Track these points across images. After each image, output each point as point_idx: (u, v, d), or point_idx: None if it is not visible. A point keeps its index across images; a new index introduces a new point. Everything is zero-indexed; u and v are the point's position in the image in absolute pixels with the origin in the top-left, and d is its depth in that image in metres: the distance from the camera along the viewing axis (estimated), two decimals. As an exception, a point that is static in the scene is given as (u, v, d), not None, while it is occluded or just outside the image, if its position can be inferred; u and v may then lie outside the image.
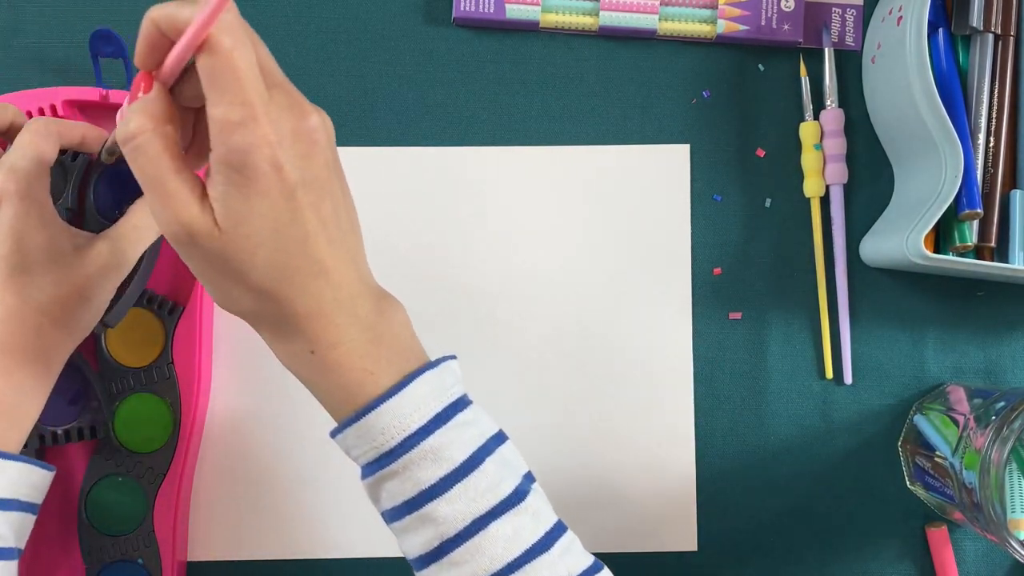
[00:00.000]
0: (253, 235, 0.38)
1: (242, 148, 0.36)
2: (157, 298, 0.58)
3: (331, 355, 0.41)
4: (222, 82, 0.36)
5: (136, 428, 0.57)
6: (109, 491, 0.57)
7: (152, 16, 0.37)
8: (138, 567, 0.57)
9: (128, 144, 0.37)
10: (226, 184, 0.37)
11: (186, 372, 0.57)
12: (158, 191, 0.37)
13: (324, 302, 0.40)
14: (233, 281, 0.39)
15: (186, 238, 0.38)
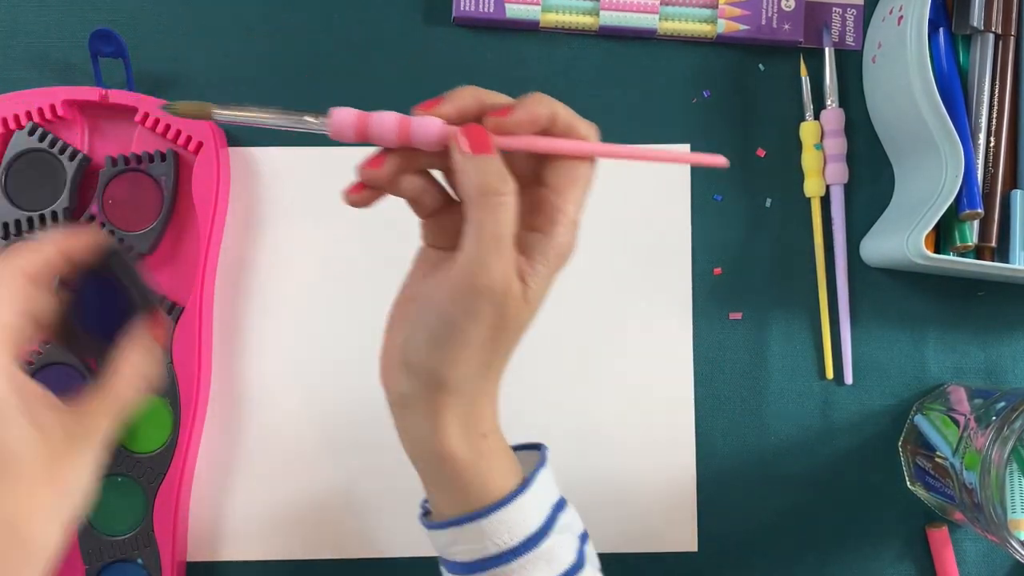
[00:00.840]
0: (534, 315, 0.41)
1: (569, 247, 0.41)
2: (157, 297, 0.58)
3: (484, 444, 0.42)
4: (581, 189, 0.42)
5: (136, 428, 0.57)
6: (108, 491, 0.57)
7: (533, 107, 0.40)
8: (138, 567, 0.57)
9: (494, 198, 0.39)
10: (548, 267, 0.40)
11: (186, 372, 0.57)
12: (501, 247, 0.39)
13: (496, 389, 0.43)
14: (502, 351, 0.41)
15: (502, 294, 0.39)
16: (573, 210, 0.41)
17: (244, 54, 0.62)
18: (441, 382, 0.40)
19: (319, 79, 0.62)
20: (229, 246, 0.61)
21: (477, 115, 0.41)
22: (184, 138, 0.58)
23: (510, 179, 0.39)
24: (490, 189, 0.39)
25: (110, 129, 0.60)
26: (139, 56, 0.61)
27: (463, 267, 0.39)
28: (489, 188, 0.39)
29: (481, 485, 0.42)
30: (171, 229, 0.59)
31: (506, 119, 0.40)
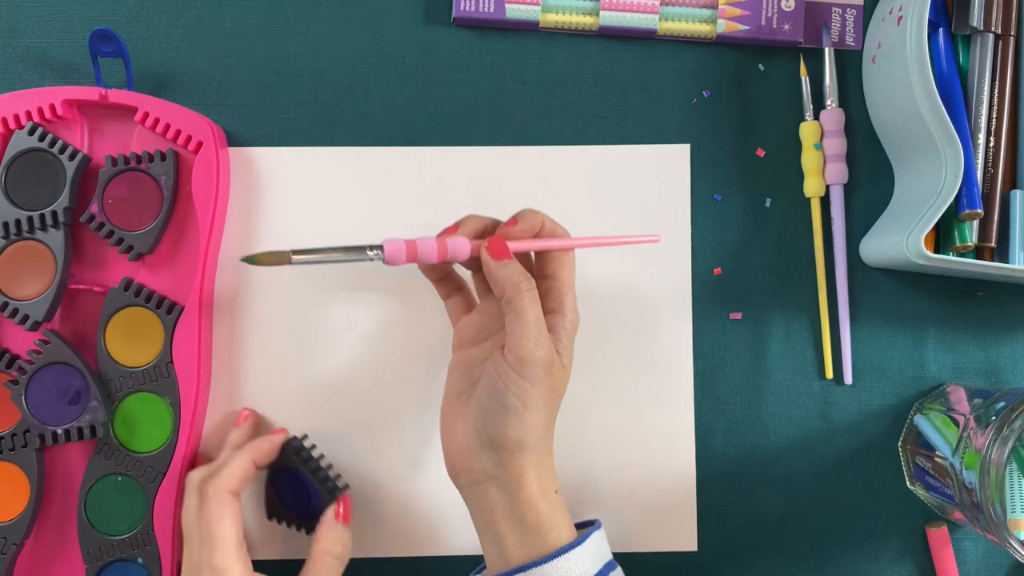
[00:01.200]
0: (569, 376, 0.53)
1: (578, 317, 0.54)
2: (156, 297, 0.58)
3: (557, 500, 0.52)
4: (572, 274, 0.54)
5: (136, 428, 0.57)
6: (109, 491, 0.57)
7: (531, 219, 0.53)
8: (138, 567, 0.57)
9: (527, 292, 0.50)
10: (569, 337, 0.53)
11: (186, 371, 0.57)
12: (541, 326, 0.51)
13: (549, 461, 0.53)
14: (551, 406, 0.51)
15: (549, 362, 0.50)
16: (572, 291, 0.53)
17: (244, 54, 0.62)
18: (521, 445, 0.50)
19: (319, 79, 0.62)
20: (229, 245, 0.61)
21: (483, 234, 0.53)
22: (184, 138, 0.58)
23: (529, 275, 0.51)
24: (521, 285, 0.50)
25: (110, 129, 0.60)
26: (139, 56, 0.61)
27: (515, 347, 0.49)
28: (521, 284, 0.50)
29: (551, 533, 0.50)
30: (171, 229, 0.59)
31: (513, 229, 0.52)
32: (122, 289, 0.58)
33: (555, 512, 0.50)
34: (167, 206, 0.58)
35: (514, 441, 0.50)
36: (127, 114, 0.59)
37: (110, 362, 0.57)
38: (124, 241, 0.58)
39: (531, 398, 0.49)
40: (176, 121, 0.58)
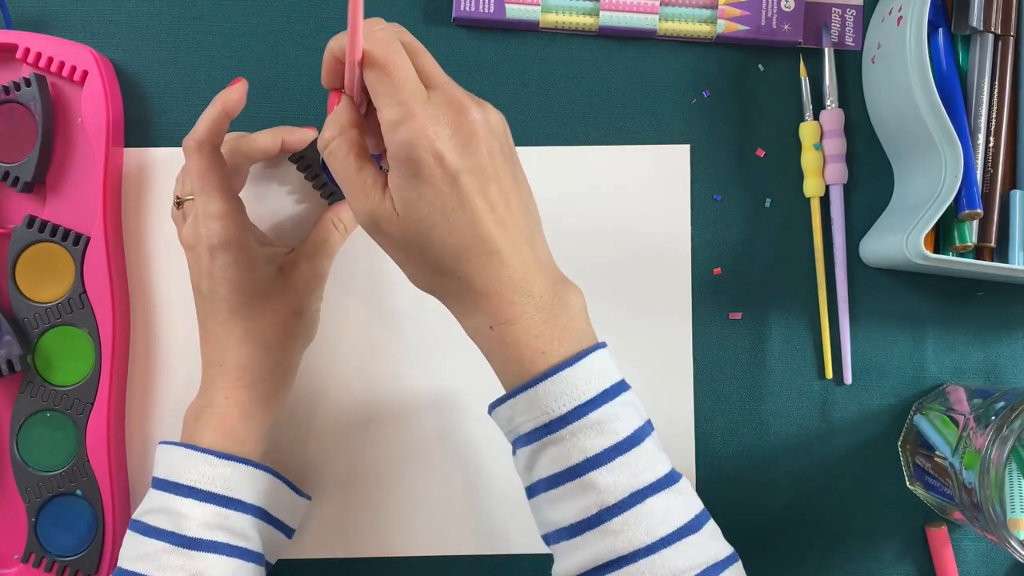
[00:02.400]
0: (425, 218, 0.43)
1: (405, 142, 0.42)
2: (61, 230, 0.58)
3: (508, 331, 0.44)
4: (382, 88, 0.43)
5: (57, 362, 0.58)
6: (39, 428, 0.58)
7: (329, 46, 0.46)
8: (78, 499, 0.58)
9: (324, 151, 0.46)
10: (398, 176, 0.43)
11: (101, 301, 0.58)
12: (348, 186, 0.45)
13: (499, 281, 0.44)
14: (416, 261, 0.45)
15: (372, 224, 0.44)
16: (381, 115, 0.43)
17: (244, 54, 0.62)
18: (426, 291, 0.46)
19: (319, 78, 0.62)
20: (133, 173, 0.61)
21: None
22: (68, 69, 0.58)
23: (335, 126, 0.45)
24: (321, 144, 0.46)
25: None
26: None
27: None
28: (320, 144, 0.46)
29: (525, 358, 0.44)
30: (59, 157, 0.59)
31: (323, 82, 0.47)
32: (25, 226, 0.58)
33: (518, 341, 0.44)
34: (42, 132, 0.58)
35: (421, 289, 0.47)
36: (9, 55, 0.59)
37: (22, 300, 0.58)
38: (10, 174, 0.58)
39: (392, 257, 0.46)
40: (58, 53, 0.58)
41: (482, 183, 0.44)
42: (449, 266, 0.44)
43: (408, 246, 0.44)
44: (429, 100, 0.43)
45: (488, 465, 0.61)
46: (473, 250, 0.44)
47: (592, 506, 0.43)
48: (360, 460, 0.61)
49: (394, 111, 0.43)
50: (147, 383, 0.61)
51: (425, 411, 0.61)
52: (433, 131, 0.42)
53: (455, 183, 0.43)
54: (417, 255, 0.45)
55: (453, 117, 0.43)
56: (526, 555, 0.61)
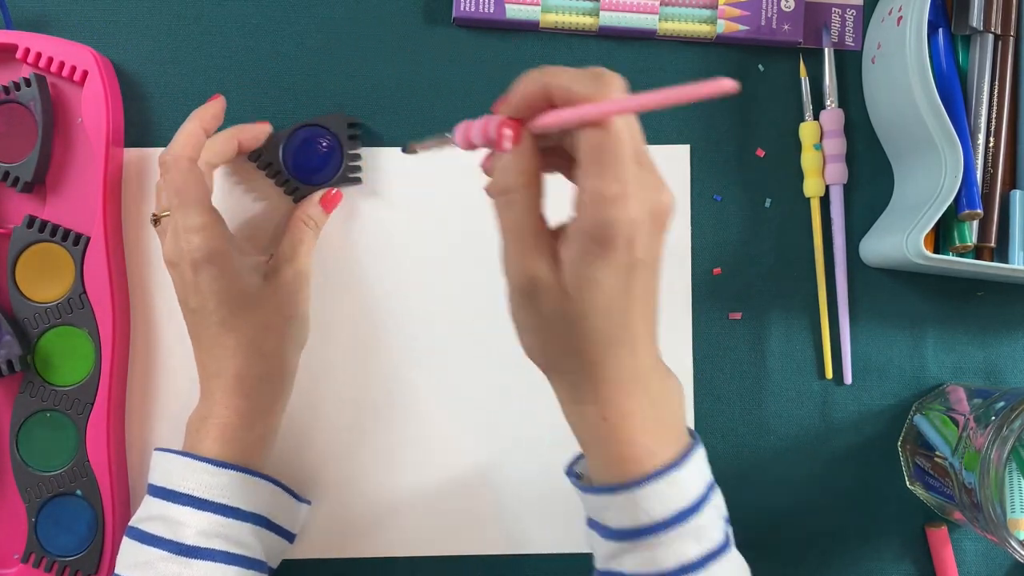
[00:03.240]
0: (590, 300, 0.40)
1: (609, 222, 0.38)
2: (61, 230, 0.58)
3: (622, 425, 0.42)
4: (605, 158, 0.38)
5: (57, 362, 0.58)
6: (39, 428, 0.58)
7: (544, 79, 0.40)
8: (78, 499, 0.58)
9: (501, 197, 0.41)
10: (582, 251, 0.39)
11: (101, 301, 0.58)
12: (518, 243, 0.41)
13: (625, 372, 0.42)
14: (552, 336, 0.42)
15: (529, 291, 0.41)
16: (593, 184, 0.38)
17: (244, 54, 0.62)
18: (544, 368, 0.44)
19: (318, 79, 0.62)
20: (133, 173, 0.61)
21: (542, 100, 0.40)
22: (68, 69, 0.59)
23: (521, 174, 0.40)
24: (498, 189, 0.41)
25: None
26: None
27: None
28: (497, 188, 0.41)
29: (634, 456, 0.42)
30: (57, 157, 0.59)
31: (502, 108, 0.41)
32: (25, 226, 0.58)
33: (624, 434, 0.42)
34: (42, 131, 0.58)
35: (535, 362, 0.44)
36: (9, 55, 0.59)
37: (22, 300, 0.58)
38: (10, 174, 0.58)
39: (517, 322, 0.43)
40: (57, 52, 0.58)
41: (649, 274, 0.41)
42: (584, 349, 0.41)
43: (555, 323, 0.41)
44: (641, 180, 0.39)
45: (489, 465, 0.61)
46: (614, 338, 0.41)
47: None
48: (359, 460, 0.61)
49: (611, 186, 0.38)
50: (147, 383, 0.61)
51: (424, 411, 0.61)
52: (639, 216, 0.39)
53: (632, 272, 0.40)
54: (558, 332, 0.41)
55: (653, 203, 0.40)
56: (527, 555, 0.61)
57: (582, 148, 0.39)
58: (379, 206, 0.62)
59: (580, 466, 0.48)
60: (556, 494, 0.60)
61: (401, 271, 0.61)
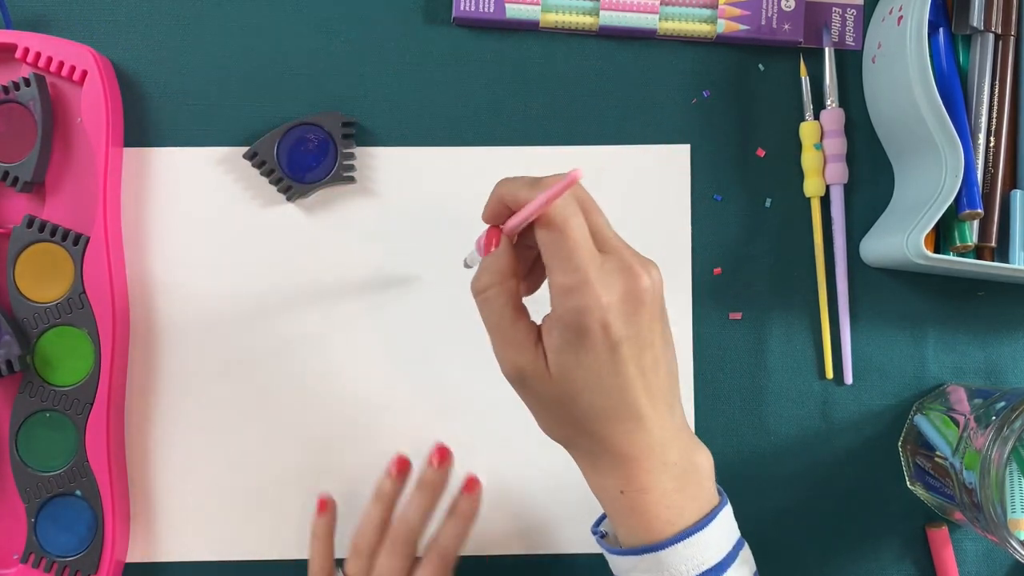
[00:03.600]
0: (577, 381, 0.42)
1: (575, 309, 0.41)
2: (61, 230, 0.58)
3: (639, 499, 0.44)
4: (557, 251, 0.42)
5: (57, 362, 0.58)
6: (38, 428, 0.58)
7: (499, 191, 0.44)
8: (77, 499, 0.58)
9: (479, 296, 0.44)
10: (560, 339, 0.42)
11: (101, 301, 0.58)
12: (499, 337, 0.44)
13: (638, 446, 0.43)
14: (556, 417, 0.44)
15: (518, 376, 0.44)
16: (553, 277, 0.42)
17: (244, 54, 0.62)
18: (563, 444, 0.46)
19: (319, 78, 0.62)
20: (133, 173, 0.61)
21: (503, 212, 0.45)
22: (68, 69, 0.58)
23: (494, 273, 0.44)
24: (476, 288, 0.44)
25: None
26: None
27: None
28: (476, 288, 0.44)
29: (655, 526, 0.44)
30: (59, 157, 0.59)
31: (485, 217, 0.45)
32: (25, 226, 0.58)
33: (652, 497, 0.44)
34: (41, 131, 0.58)
35: (552, 438, 0.46)
36: (9, 55, 0.59)
37: (22, 300, 0.58)
38: (9, 174, 0.58)
39: (529, 407, 0.46)
40: (57, 52, 0.58)
41: (639, 350, 0.43)
42: (591, 427, 0.43)
43: (553, 403, 0.44)
44: (603, 266, 0.42)
45: (489, 467, 0.61)
46: (618, 414, 0.43)
47: None
48: (362, 460, 0.61)
49: (568, 277, 0.41)
50: (147, 383, 0.61)
51: (426, 411, 0.61)
52: (606, 300, 0.41)
53: (615, 351, 0.42)
54: (560, 412, 0.44)
55: (624, 285, 0.42)
56: (528, 555, 0.61)
57: (539, 246, 0.43)
58: (373, 205, 0.62)
59: (605, 525, 0.49)
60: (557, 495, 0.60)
61: (395, 270, 0.61)
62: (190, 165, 0.61)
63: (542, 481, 0.61)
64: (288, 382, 0.61)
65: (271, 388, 0.61)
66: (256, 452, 0.61)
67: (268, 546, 0.61)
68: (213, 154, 0.61)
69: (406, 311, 0.61)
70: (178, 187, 0.61)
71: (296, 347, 0.61)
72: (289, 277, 0.61)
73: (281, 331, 0.61)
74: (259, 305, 0.61)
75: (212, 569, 0.61)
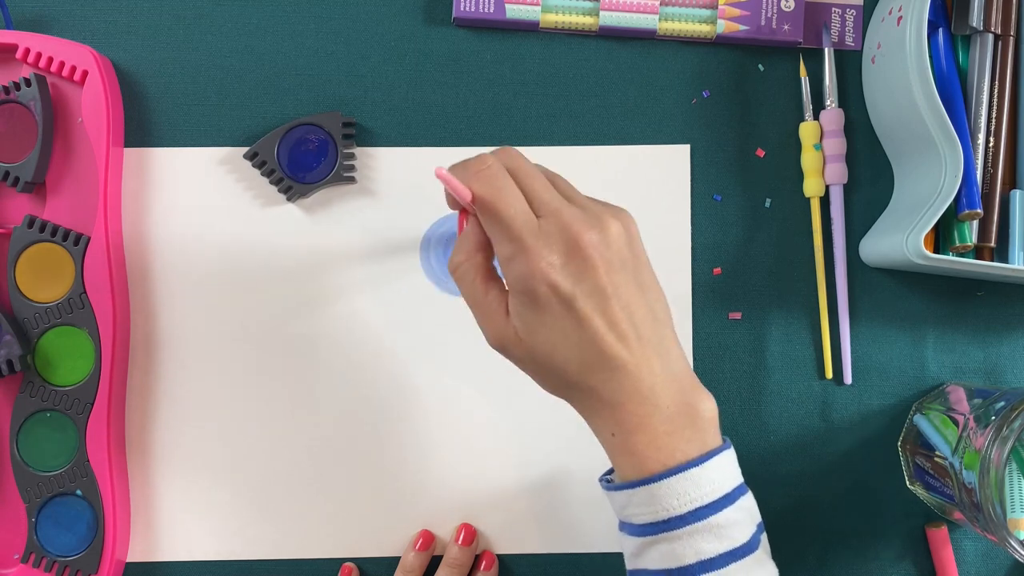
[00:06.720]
0: (546, 341, 0.45)
1: (519, 276, 0.44)
2: (61, 230, 0.58)
3: (630, 440, 0.45)
4: (492, 226, 0.45)
5: (58, 362, 0.58)
6: (39, 428, 0.58)
7: (439, 175, 0.45)
8: (78, 499, 0.58)
9: (453, 274, 0.47)
10: (517, 304, 0.45)
11: (101, 301, 0.58)
12: (475, 309, 0.47)
13: (622, 392, 0.44)
14: (543, 375, 0.46)
15: (499, 344, 0.46)
16: (497, 250, 0.45)
17: (244, 54, 0.62)
18: (554, 394, 0.47)
19: (319, 79, 0.62)
20: (133, 173, 0.61)
21: None
22: (68, 69, 0.59)
23: (462, 251, 0.47)
24: (450, 267, 0.47)
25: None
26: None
27: None
28: (450, 266, 0.47)
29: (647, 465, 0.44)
30: (60, 157, 0.59)
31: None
32: (25, 226, 0.58)
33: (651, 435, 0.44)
34: (42, 131, 0.58)
35: (550, 393, 0.47)
36: (9, 55, 0.59)
37: (22, 300, 0.58)
38: (10, 174, 0.58)
39: (523, 371, 0.47)
40: (57, 52, 0.58)
41: (600, 303, 0.44)
42: (575, 381, 0.45)
43: (534, 364, 0.46)
44: (540, 230, 0.44)
45: (492, 467, 0.61)
46: (597, 366, 0.44)
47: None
48: (366, 459, 0.61)
49: (506, 247, 0.44)
50: (147, 383, 0.61)
51: (428, 411, 0.61)
52: (546, 262, 0.43)
53: (571, 308, 0.44)
54: (544, 371, 0.46)
55: (565, 244, 0.44)
56: (528, 555, 0.61)
57: (482, 224, 0.46)
58: (373, 205, 0.62)
59: (612, 474, 0.49)
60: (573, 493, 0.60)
61: (395, 270, 0.61)
62: (190, 165, 0.61)
63: (553, 478, 0.61)
64: (288, 382, 0.61)
65: (271, 387, 0.61)
66: (256, 452, 0.61)
67: (268, 546, 0.61)
68: (213, 154, 0.61)
69: (407, 310, 0.61)
70: (178, 187, 0.61)
71: (296, 347, 0.61)
72: (289, 277, 0.61)
73: (281, 331, 0.61)
74: (259, 305, 0.61)
75: (212, 569, 0.61)
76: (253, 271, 0.61)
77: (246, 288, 0.61)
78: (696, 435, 0.45)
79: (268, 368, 0.61)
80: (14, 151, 0.58)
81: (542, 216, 0.45)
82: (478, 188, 0.45)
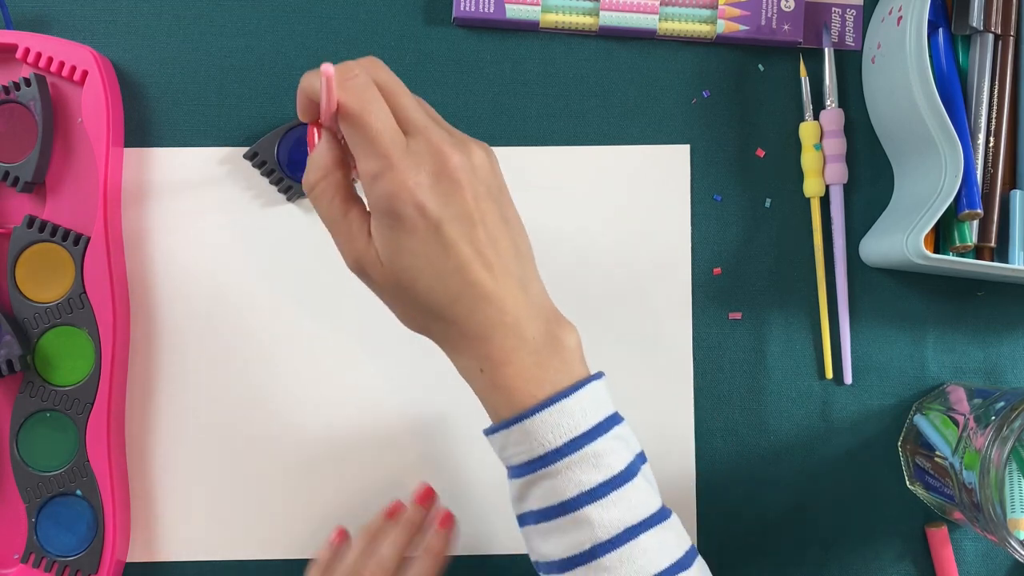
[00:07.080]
0: (410, 267, 0.43)
1: (385, 195, 0.42)
2: (61, 230, 0.58)
3: (498, 374, 0.43)
4: (358, 140, 0.42)
5: (57, 362, 0.58)
6: (39, 428, 0.58)
7: (301, 85, 0.44)
8: (78, 499, 0.58)
9: (309, 194, 0.44)
10: (380, 225, 0.43)
11: (101, 301, 0.58)
12: (333, 229, 0.44)
13: (490, 325, 0.43)
14: (405, 305, 0.44)
15: (359, 269, 0.44)
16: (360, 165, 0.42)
17: (244, 54, 0.62)
18: (415, 331, 0.45)
19: (319, 79, 0.62)
20: (133, 173, 0.61)
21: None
22: (68, 69, 0.59)
23: (317, 169, 0.44)
24: (305, 186, 0.45)
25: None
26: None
27: None
28: (305, 186, 0.45)
29: (518, 399, 0.43)
30: (60, 157, 0.59)
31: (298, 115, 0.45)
32: (25, 226, 0.58)
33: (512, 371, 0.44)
34: (42, 131, 0.58)
35: (411, 329, 0.46)
36: (9, 55, 0.59)
37: (22, 300, 0.58)
38: (10, 174, 0.58)
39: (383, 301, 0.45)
40: (58, 52, 0.58)
41: (467, 229, 0.43)
42: (438, 311, 0.43)
43: (395, 291, 0.44)
44: (408, 148, 0.42)
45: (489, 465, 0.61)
46: (462, 295, 0.43)
47: (586, 541, 0.42)
48: (362, 461, 0.61)
49: (372, 163, 0.42)
50: (147, 383, 0.61)
51: (427, 412, 0.61)
52: (413, 181, 0.41)
53: (438, 232, 0.42)
54: (405, 300, 0.44)
55: (434, 165, 0.42)
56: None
57: (345, 138, 0.43)
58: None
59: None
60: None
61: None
62: (190, 165, 0.61)
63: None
64: (288, 382, 0.61)
65: (271, 388, 0.61)
66: (256, 452, 0.61)
67: (268, 546, 0.61)
68: (213, 154, 0.61)
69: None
70: (178, 187, 0.61)
71: (296, 347, 0.61)
72: (289, 277, 0.61)
73: (281, 331, 0.61)
74: (259, 305, 0.61)
75: (212, 569, 0.61)
76: (253, 271, 0.61)
77: (246, 288, 0.61)
78: (564, 366, 0.44)
79: (268, 368, 0.61)
80: (14, 151, 0.58)
81: (410, 134, 0.43)
82: (345, 98, 0.42)
